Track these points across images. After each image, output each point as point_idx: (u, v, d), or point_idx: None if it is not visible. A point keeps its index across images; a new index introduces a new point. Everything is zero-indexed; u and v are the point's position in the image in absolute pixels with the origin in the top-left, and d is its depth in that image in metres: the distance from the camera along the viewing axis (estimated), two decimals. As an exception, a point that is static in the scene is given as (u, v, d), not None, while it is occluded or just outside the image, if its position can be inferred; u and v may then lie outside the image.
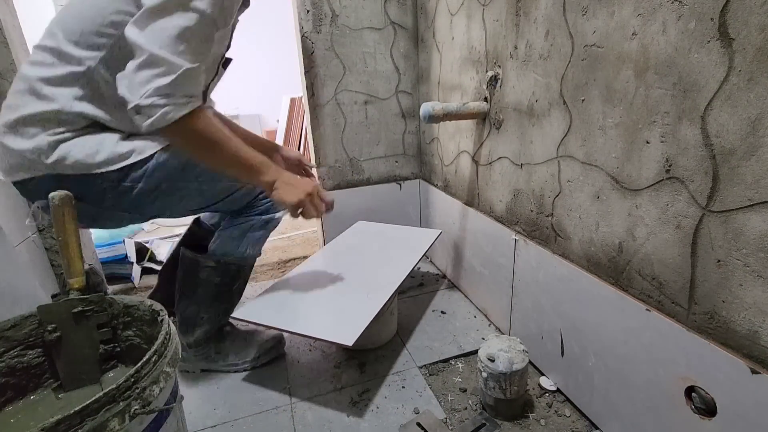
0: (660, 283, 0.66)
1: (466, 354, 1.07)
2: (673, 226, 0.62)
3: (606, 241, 0.76)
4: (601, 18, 0.69)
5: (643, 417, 0.70)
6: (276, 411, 0.92)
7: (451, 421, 0.87)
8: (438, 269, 1.56)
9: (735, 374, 0.54)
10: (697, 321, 0.61)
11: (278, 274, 1.58)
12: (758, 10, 0.47)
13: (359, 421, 0.88)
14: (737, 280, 0.54)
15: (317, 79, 1.42)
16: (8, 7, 1.06)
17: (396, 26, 1.46)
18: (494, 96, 1.05)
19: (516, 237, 1.01)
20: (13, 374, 0.64)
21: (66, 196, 0.65)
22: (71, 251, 0.66)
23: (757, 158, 0.50)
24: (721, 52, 0.52)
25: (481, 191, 1.19)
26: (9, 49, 1.01)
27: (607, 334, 0.76)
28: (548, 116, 0.86)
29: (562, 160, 0.84)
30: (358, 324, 0.86)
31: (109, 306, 0.69)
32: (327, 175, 1.53)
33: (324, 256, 1.26)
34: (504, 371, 0.81)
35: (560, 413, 0.87)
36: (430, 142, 1.51)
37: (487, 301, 1.22)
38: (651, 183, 0.65)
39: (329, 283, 1.11)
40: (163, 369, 0.54)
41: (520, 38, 0.91)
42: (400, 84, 1.53)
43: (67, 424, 0.43)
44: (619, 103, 0.68)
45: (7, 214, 1.00)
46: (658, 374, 0.66)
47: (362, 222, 1.50)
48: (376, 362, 1.06)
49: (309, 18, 1.36)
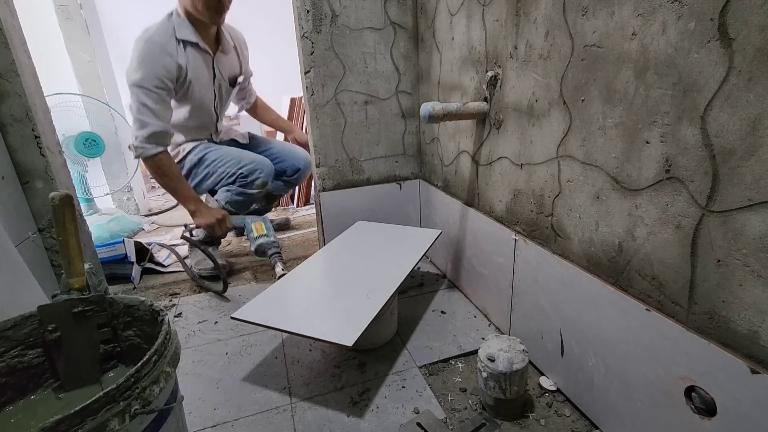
0: (660, 283, 0.66)
1: (466, 354, 1.07)
2: (673, 226, 0.62)
3: (606, 241, 0.76)
4: (601, 18, 0.69)
5: (643, 417, 0.70)
6: (276, 411, 0.92)
7: (451, 421, 0.87)
8: (438, 269, 1.56)
9: (735, 374, 0.54)
10: (697, 321, 0.61)
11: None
12: (758, 10, 0.47)
13: (359, 421, 0.88)
14: (737, 280, 0.54)
15: (317, 79, 1.42)
16: (8, 7, 1.06)
17: (396, 26, 1.46)
18: (494, 96, 1.05)
19: (516, 237, 1.01)
20: (13, 374, 0.64)
21: (66, 196, 0.65)
22: (71, 251, 0.65)
23: (757, 158, 0.50)
24: (721, 52, 0.52)
25: (481, 191, 1.19)
26: (9, 49, 1.01)
27: (607, 334, 0.76)
28: (548, 116, 0.86)
29: (562, 160, 0.84)
30: (358, 324, 0.86)
31: (109, 306, 0.69)
32: (327, 175, 1.54)
33: (324, 256, 1.26)
34: (504, 371, 0.81)
35: (560, 413, 0.87)
36: (430, 142, 1.51)
37: (487, 301, 1.22)
38: (651, 183, 0.65)
39: (329, 283, 1.12)
40: (163, 369, 0.54)
41: (520, 38, 0.91)
42: (400, 84, 1.53)
43: (67, 424, 0.43)
44: (619, 103, 0.68)
45: (7, 214, 1.00)
46: (658, 374, 0.66)
47: (362, 222, 1.50)
48: (376, 362, 1.06)
49: (309, 18, 1.36)
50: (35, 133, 1.08)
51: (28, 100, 1.06)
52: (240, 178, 1.53)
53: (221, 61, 1.52)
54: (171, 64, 1.34)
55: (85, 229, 1.29)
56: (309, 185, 2.47)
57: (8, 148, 1.06)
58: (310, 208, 2.43)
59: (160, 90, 1.33)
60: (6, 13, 1.04)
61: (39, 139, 1.08)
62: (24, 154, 1.08)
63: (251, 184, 1.54)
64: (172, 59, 1.34)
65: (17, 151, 1.07)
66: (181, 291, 1.49)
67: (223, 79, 1.55)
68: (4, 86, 1.03)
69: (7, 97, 1.04)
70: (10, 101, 1.04)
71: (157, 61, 1.31)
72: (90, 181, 2.22)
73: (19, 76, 1.04)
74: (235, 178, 1.53)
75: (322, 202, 1.55)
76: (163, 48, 1.33)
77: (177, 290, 1.50)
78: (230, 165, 1.53)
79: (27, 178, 1.09)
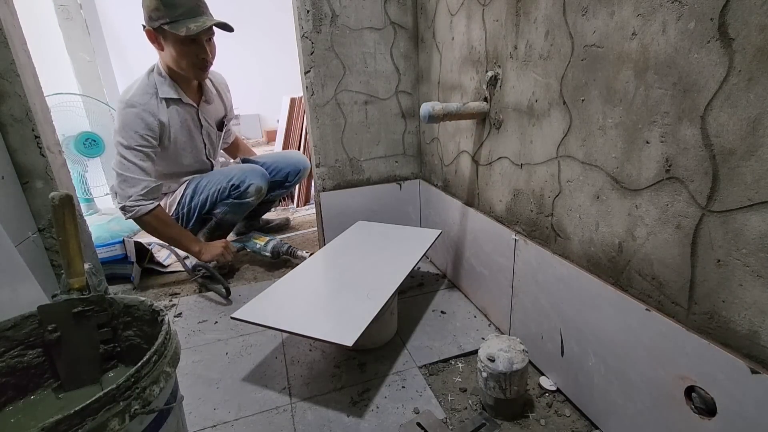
0: (660, 283, 0.66)
1: (466, 354, 1.07)
2: (673, 226, 0.62)
3: (606, 241, 0.76)
4: (601, 18, 0.69)
5: (643, 417, 0.70)
6: (276, 411, 0.92)
7: (451, 421, 0.87)
8: (438, 269, 1.56)
9: (735, 374, 0.54)
10: (697, 321, 0.61)
11: (278, 274, 1.58)
12: (758, 10, 0.47)
13: (359, 421, 0.88)
14: (737, 280, 0.54)
15: (317, 79, 1.42)
16: (8, 7, 1.06)
17: (396, 26, 1.46)
18: (494, 96, 1.05)
19: (516, 237, 1.01)
20: (13, 374, 0.64)
21: (66, 196, 0.65)
22: (71, 251, 0.65)
23: (757, 158, 0.50)
24: (721, 52, 0.52)
25: (481, 191, 1.19)
26: (9, 49, 1.01)
27: (607, 334, 0.76)
28: (548, 116, 0.86)
29: (562, 160, 0.84)
30: (358, 324, 0.86)
31: (109, 306, 0.69)
32: (327, 175, 1.54)
33: (324, 256, 1.26)
34: (504, 371, 0.81)
35: (560, 413, 0.87)
36: (430, 142, 1.51)
37: (487, 301, 1.22)
38: (651, 183, 0.65)
39: (329, 283, 1.12)
40: (163, 369, 0.54)
41: (520, 38, 0.91)
42: (400, 84, 1.53)
43: (67, 424, 0.43)
44: (619, 103, 0.68)
45: (7, 214, 1.00)
46: (658, 374, 0.66)
47: (362, 222, 1.50)
48: (376, 362, 1.06)
49: (309, 18, 1.36)
50: (35, 133, 1.08)
51: (28, 100, 1.06)
52: (232, 189, 1.54)
53: (206, 110, 1.56)
54: (153, 122, 1.37)
55: (85, 229, 1.29)
56: (309, 185, 2.47)
57: (8, 148, 1.06)
58: (310, 208, 2.43)
59: (146, 148, 1.37)
60: (6, 13, 1.04)
61: (39, 139, 1.08)
62: (24, 154, 1.08)
63: (245, 193, 1.55)
64: (153, 118, 1.37)
65: (17, 151, 1.07)
66: (181, 291, 1.49)
67: (210, 126, 1.60)
68: (4, 86, 1.03)
69: (7, 97, 1.04)
70: (10, 101, 1.04)
71: (138, 122, 1.35)
72: (90, 181, 2.22)
73: (19, 76, 1.04)
74: (228, 191, 1.54)
75: (322, 202, 1.55)
76: (144, 108, 1.36)
77: (177, 290, 1.50)
78: (220, 181, 1.54)
79: (27, 178, 1.09)
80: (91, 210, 2.21)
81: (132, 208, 1.37)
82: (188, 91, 1.48)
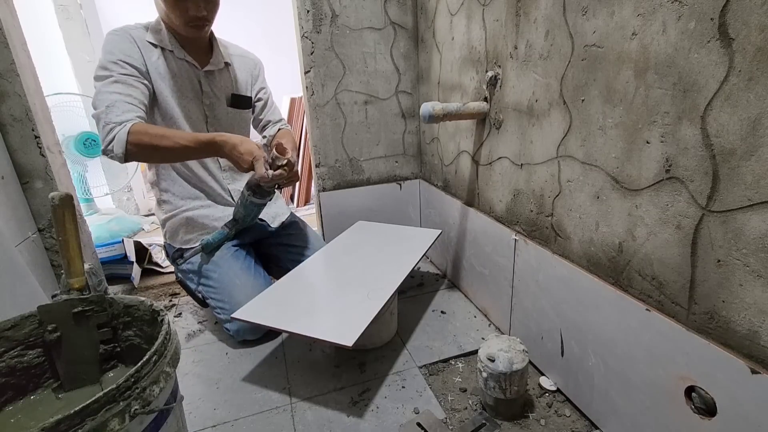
0: (660, 283, 0.66)
1: (466, 354, 1.07)
2: (673, 226, 0.62)
3: (606, 241, 0.76)
4: (601, 18, 0.69)
5: (643, 417, 0.70)
6: (276, 411, 0.92)
7: (451, 421, 0.87)
8: (438, 269, 1.56)
9: (735, 374, 0.54)
10: (697, 321, 0.61)
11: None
12: (758, 10, 0.47)
13: (359, 421, 0.88)
14: (737, 280, 0.54)
15: (317, 79, 1.42)
16: (8, 7, 1.06)
17: (396, 26, 1.46)
18: (494, 96, 1.05)
19: (516, 237, 1.01)
20: (13, 374, 0.64)
21: (66, 196, 0.65)
22: (71, 251, 0.65)
23: (757, 158, 0.50)
24: (721, 52, 0.52)
25: (481, 191, 1.19)
26: (9, 49, 1.01)
27: (607, 334, 0.76)
28: (548, 116, 0.86)
29: (562, 160, 0.84)
30: (358, 324, 0.86)
31: (109, 306, 0.69)
32: (327, 175, 1.54)
33: (324, 256, 1.26)
34: (504, 371, 0.81)
35: (560, 413, 0.87)
36: (430, 142, 1.51)
37: (487, 301, 1.22)
38: (651, 183, 0.65)
39: (329, 283, 1.12)
40: (163, 369, 0.54)
41: (520, 38, 0.91)
42: (400, 84, 1.53)
43: (67, 424, 0.43)
44: (619, 103, 0.68)
45: (7, 214, 1.00)
46: (658, 374, 0.66)
47: (362, 222, 1.50)
48: (376, 362, 1.06)
49: (309, 18, 1.36)
50: (35, 133, 1.08)
51: (28, 100, 1.06)
52: (225, 321, 1.20)
53: (213, 76, 1.25)
54: (134, 50, 1.11)
55: (85, 229, 1.29)
56: (309, 185, 2.47)
57: (8, 148, 1.06)
58: (310, 208, 2.44)
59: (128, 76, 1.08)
60: (6, 13, 1.04)
61: (39, 139, 1.09)
62: (24, 154, 1.08)
63: (233, 332, 1.17)
64: (133, 45, 1.11)
65: (17, 151, 1.07)
66: (181, 291, 1.49)
67: (215, 97, 1.26)
68: (4, 86, 1.03)
69: (7, 97, 1.04)
70: (10, 101, 1.04)
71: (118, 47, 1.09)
72: (90, 181, 2.22)
73: (19, 76, 1.04)
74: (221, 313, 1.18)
75: (322, 202, 1.55)
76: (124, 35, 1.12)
77: (177, 290, 1.50)
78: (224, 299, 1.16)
79: (27, 178, 1.10)
80: (91, 210, 2.21)
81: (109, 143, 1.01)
82: (189, 48, 1.22)
